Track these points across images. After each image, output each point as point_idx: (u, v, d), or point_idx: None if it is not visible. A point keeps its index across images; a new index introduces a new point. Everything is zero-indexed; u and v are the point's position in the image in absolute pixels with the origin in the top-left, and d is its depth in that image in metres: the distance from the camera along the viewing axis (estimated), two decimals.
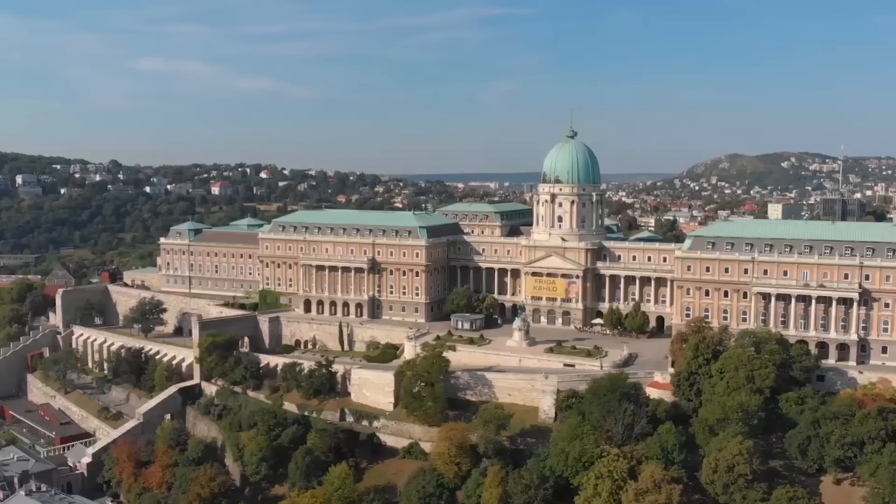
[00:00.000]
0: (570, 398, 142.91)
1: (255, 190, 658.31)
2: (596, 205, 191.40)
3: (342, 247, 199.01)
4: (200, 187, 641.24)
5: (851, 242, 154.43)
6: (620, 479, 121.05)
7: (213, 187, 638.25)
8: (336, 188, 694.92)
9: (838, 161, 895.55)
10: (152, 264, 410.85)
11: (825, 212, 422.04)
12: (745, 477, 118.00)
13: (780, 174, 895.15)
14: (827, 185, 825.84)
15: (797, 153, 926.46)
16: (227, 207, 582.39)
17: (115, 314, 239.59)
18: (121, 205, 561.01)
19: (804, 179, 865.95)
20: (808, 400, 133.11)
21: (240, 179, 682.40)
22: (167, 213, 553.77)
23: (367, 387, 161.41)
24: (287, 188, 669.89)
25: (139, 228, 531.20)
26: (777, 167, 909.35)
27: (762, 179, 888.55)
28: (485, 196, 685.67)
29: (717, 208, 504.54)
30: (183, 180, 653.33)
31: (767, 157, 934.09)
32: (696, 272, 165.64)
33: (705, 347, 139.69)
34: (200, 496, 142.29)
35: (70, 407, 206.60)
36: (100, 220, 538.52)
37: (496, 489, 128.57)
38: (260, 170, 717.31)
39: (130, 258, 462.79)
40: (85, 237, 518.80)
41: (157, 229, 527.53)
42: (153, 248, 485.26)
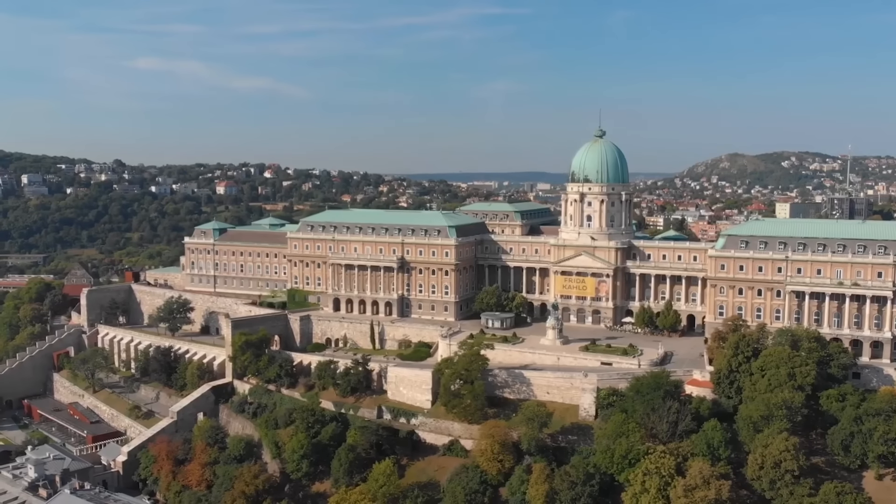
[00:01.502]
0: (611, 396, 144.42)
1: (259, 190, 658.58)
2: (625, 204, 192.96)
3: (371, 246, 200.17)
4: (205, 187, 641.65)
5: (885, 241, 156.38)
6: (668, 476, 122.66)
7: (218, 187, 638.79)
8: (340, 188, 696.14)
9: (838, 160, 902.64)
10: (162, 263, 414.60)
11: (833, 211, 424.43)
12: (792, 473, 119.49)
13: (781, 173, 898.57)
14: (827, 184, 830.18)
15: (797, 152, 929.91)
16: (232, 207, 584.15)
17: (139, 313, 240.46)
18: (127, 204, 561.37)
19: (805, 179, 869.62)
20: (848, 397, 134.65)
21: (244, 179, 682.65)
22: (174, 212, 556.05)
23: (403, 384, 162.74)
24: (291, 188, 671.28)
25: (146, 228, 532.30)
26: (777, 166, 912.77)
27: (763, 179, 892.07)
28: (489, 196, 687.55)
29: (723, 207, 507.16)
30: (187, 180, 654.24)
31: (768, 156, 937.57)
32: (729, 271, 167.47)
33: (745, 346, 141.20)
34: (245, 493, 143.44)
35: (99, 406, 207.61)
36: (106, 219, 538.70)
37: (542, 486, 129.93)
38: (263, 169, 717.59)
39: (139, 257, 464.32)
40: (92, 237, 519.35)
41: (164, 229, 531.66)
42: (162, 247, 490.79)
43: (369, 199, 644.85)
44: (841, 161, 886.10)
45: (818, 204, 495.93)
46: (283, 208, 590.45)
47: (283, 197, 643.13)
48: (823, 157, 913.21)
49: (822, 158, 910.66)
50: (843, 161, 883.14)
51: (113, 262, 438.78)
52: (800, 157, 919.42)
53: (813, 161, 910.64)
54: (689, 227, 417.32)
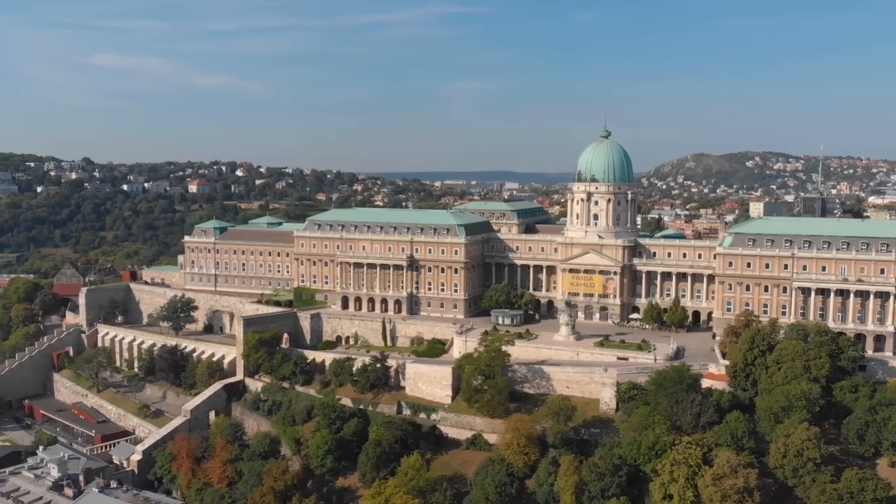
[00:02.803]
0: (632, 390, 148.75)
1: (233, 188, 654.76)
2: (631, 203, 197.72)
3: (380, 244, 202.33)
4: (177, 185, 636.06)
5: (887, 239, 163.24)
6: (696, 466, 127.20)
7: (191, 185, 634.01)
8: (314, 186, 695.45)
9: (801, 160, 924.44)
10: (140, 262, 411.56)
11: (805, 210, 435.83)
12: (814, 461, 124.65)
13: (746, 173, 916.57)
14: (791, 183, 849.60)
15: (761, 153, 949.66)
16: (206, 206, 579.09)
17: (137, 313, 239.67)
18: (100, 203, 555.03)
19: (769, 178, 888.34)
20: (860, 388, 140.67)
21: (216, 177, 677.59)
22: (147, 211, 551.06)
23: (422, 380, 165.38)
24: (265, 186, 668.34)
25: (121, 227, 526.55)
26: (742, 166, 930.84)
27: (728, 178, 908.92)
28: (464, 194, 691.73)
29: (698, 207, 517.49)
30: (158, 178, 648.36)
31: (732, 156, 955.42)
32: (737, 268, 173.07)
33: (761, 340, 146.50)
34: (274, 489, 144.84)
35: (104, 405, 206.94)
36: (79, 218, 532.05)
37: (571, 477, 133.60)
38: (235, 168, 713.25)
39: (116, 256, 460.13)
40: (66, 236, 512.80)
41: (138, 228, 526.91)
42: (138, 246, 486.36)
43: (344, 197, 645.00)
44: (804, 161, 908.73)
45: (790, 203, 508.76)
46: (258, 207, 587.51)
47: (257, 195, 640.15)
48: (787, 157, 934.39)
49: (786, 158, 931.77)
50: (806, 161, 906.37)
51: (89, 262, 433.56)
52: (764, 157, 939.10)
53: (776, 161, 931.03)
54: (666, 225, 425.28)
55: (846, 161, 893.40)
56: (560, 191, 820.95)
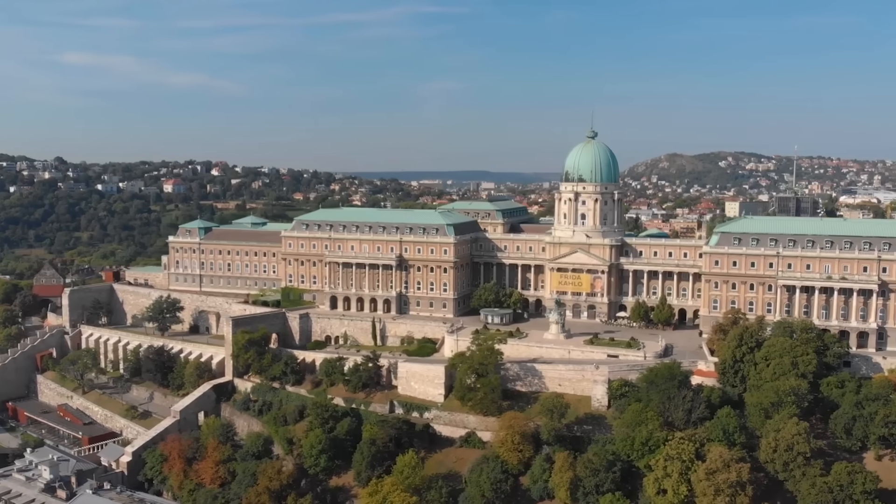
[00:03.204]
0: (623, 387, 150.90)
1: (208, 188, 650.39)
2: (617, 203, 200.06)
3: (369, 244, 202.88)
4: (152, 185, 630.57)
5: (869, 238, 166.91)
6: (689, 461, 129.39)
7: (166, 185, 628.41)
8: (291, 186, 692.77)
9: (773, 160, 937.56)
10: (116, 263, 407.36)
11: (780, 209, 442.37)
12: (804, 455, 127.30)
13: (718, 173, 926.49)
14: (763, 183, 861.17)
15: (733, 153, 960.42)
16: (182, 206, 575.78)
17: (121, 313, 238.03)
18: (74, 203, 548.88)
19: (741, 178, 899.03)
20: (847, 383, 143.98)
21: (191, 177, 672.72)
22: (123, 211, 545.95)
23: (415, 379, 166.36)
24: (241, 185, 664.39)
25: (96, 227, 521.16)
26: (715, 166, 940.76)
27: (701, 178, 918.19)
28: (441, 194, 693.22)
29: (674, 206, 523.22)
30: (133, 178, 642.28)
31: (705, 156, 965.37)
32: (723, 266, 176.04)
33: (749, 337, 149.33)
34: (269, 489, 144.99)
35: (90, 407, 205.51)
36: (53, 218, 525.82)
37: (566, 473, 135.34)
38: (210, 167, 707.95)
39: (92, 257, 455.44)
40: (40, 236, 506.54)
41: (114, 228, 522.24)
42: (114, 247, 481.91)
43: (322, 197, 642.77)
44: (776, 161, 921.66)
45: (766, 203, 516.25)
46: (235, 207, 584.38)
47: (233, 195, 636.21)
48: (759, 158, 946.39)
49: (758, 158, 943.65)
50: (778, 161, 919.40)
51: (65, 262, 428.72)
52: (736, 158, 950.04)
53: (749, 161, 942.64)
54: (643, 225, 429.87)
55: (817, 161, 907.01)
56: (537, 190, 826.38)
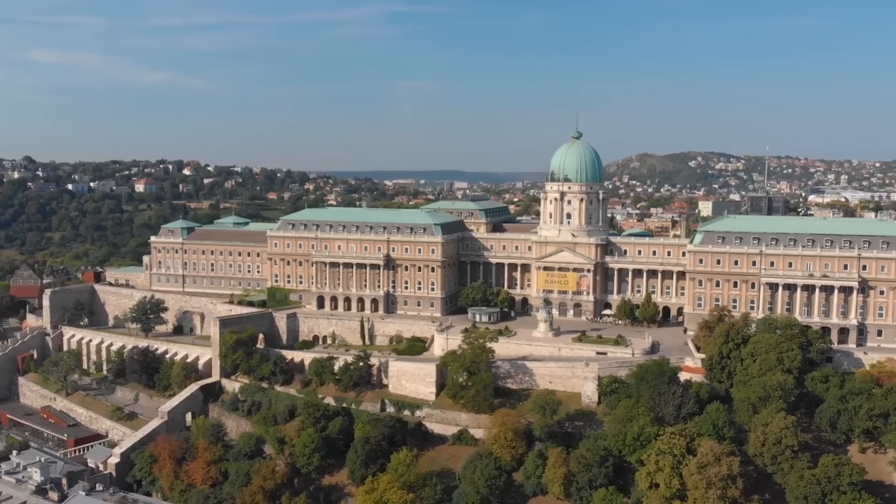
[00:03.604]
0: (613, 383, 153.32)
1: (181, 187, 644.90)
2: (602, 202, 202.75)
3: (356, 244, 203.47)
4: (123, 185, 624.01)
5: (849, 236, 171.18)
6: (680, 455, 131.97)
7: (138, 185, 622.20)
8: (264, 185, 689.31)
9: (741, 160, 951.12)
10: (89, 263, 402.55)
11: (752, 208, 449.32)
12: (792, 448, 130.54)
13: (688, 173, 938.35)
14: (732, 182, 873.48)
15: (703, 153, 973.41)
16: (155, 205, 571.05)
17: (103, 314, 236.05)
18: (45, 203, 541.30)
19: (711, 178, 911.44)
20: (831, 378, 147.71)
21: (163, 176, 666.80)
22: (94, 211, 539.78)
23: (406, 378, 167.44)
24: (213, 185, 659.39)
25: (68, 227, 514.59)
26: (685, 166, 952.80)
27: (671, 178, 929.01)
28: (417, 194, 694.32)
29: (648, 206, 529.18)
30: (104, 178, 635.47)
31: (676, 156, 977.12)
32: (707, 265, 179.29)
33: (735, 333, 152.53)
34: (263, 488, 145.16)
35: (75, 408, 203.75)
36: (24, 218, 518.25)
37: (560, 469, 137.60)
38: (182, 167, 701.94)
39: (65, 257, 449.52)
40: (10, 237, 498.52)
41: (86, 228, 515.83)
42: (87, 247, 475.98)
43: (297, 196, 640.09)
44: (745, 161, 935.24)
45: (738, 202, 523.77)
46: (208, 206, 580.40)
47: (206, 195, 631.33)
48: (728, 157, 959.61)
49: (727, 158, 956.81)
50: (747, 161, 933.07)
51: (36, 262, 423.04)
52: (706, 158, 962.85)
53: (718, 161, 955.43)
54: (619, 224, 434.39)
55: (785, 161, 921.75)
56: (510, 190, 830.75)
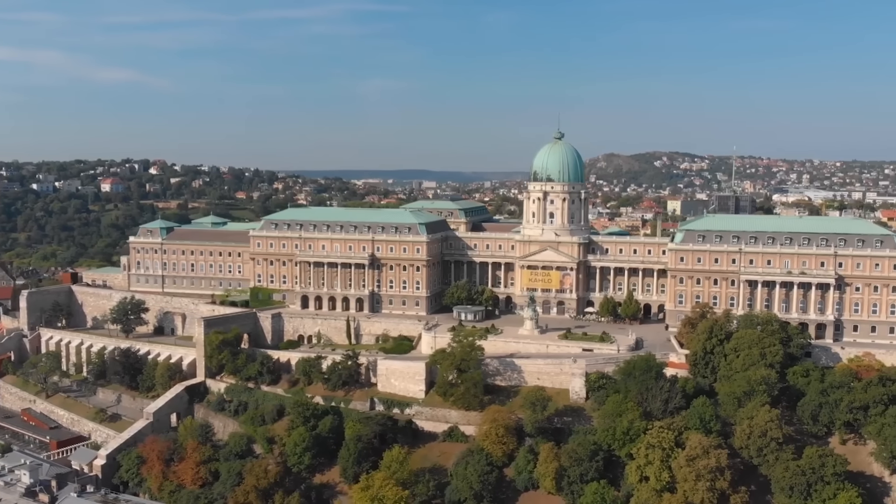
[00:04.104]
0: (601, 379, 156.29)
1: (147, 187, 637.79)
2: (584, 202, 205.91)
3: (340, 243, 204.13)
4: (89, 184, 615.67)
5: (826, 234, 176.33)
6: (669, 448, 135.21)
7: (104, 184, 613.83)
8: (232, 184, 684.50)
9: (706, 160, 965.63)
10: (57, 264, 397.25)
11: (720, 207, 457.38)
12: (777, 440, 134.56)
13: (654, 173, 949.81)
14: (697, 182, 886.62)
15: (668, 153, 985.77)
16: (122, 205, 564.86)
17: (81, 315, 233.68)
18: (9, 203, 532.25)
19: (676, 178, 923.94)
20: (811, 372, 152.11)
21: (129, 176, 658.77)
22: (61, 211, 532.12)
23: (395, 376, 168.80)
24: (181, 185, 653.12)
25: (34, 228, 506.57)
26: (651, 166, 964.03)
27: (637, 178, 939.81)
28: (387, 193, 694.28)
29: (618, 205, 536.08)
30: (68, 177, 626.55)
31: (641, 156, 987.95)
32: (688, 263, 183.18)
33: (719, 329, 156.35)
34: (257, 487, 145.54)
35: (55, 410, 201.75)
36: None
37: (551, 464, 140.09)
38: (149, 166, 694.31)
39: (32, 258, 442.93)
40: None
41: (53, 228, 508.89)
42: (55, 248, 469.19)
43: (266, 196, 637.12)
44: (709, 161, 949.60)
45: (705, 201, 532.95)
46: (177, 206, 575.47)
47: (174, 194, 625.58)
48: (692, 157, 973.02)
49: (692, 158, 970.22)
50: (711, 160, 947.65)
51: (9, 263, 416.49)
52: (671, 157, 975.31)
53: (683, 161, 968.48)
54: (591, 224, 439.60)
55: (748, 161, 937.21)
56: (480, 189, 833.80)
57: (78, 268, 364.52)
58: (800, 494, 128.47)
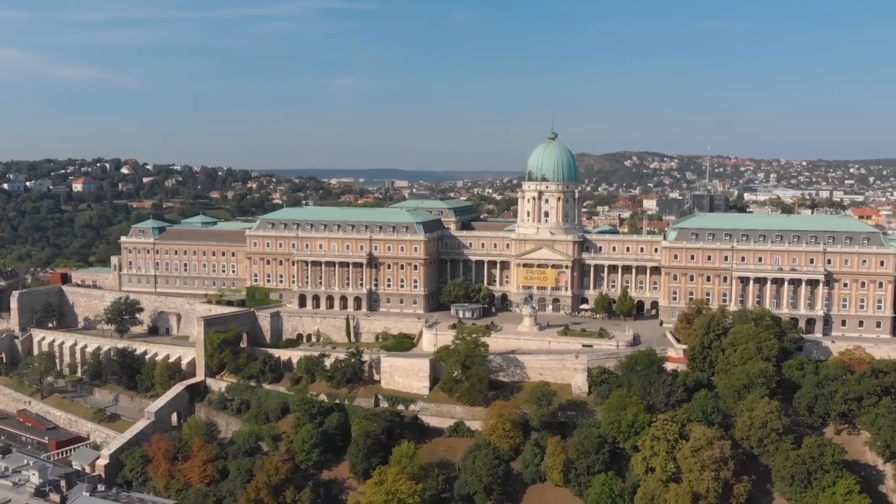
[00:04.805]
0: (602, 374, 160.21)
1: (120, 186, 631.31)
2: (577, 201, 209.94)
3: (338, 243, 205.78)
4: (60, 184, 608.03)
5: (815, 232, 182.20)
6: (674, 440, 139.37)
7: (75, 184, 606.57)
8: (205, 184, 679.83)
9: (675, 160, 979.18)
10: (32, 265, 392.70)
11: (695, 206, 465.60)
12: (777, 431, 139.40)
13: (624, 172, 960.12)
14: (666, 181, 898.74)
15: (638, 152, 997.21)
16: (95, 205, 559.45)
17: (72, 316, 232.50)
18: None
19: (646, 177, 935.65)
20: (806, 365, 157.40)
21: (100, 175, 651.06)
22: (33, 211, 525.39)
23: (398, 373, 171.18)
24: (154, 184, 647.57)
25: (6, 228, 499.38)
26: (621, 165, 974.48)
27: (608, 177, 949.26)
28: (363, 193, 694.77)
29: (594, 205, 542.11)
30: (39, 176, 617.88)
31: (612, 156, 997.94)
32: (681, 260, 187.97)
33: (716, 324, 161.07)
34: (269, 484, 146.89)
35: (52, 411, 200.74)
36: None
37: (559, 457, 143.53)
38: (120, 165, 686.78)
39: (7, 259, 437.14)
40: None
41: (26, 229, 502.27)
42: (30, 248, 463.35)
43: (241, 195, 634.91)
44: (678, 160, 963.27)
45: (680, 200, 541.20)
46: (151, 206, 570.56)
47: (147, 194, 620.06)
48: (661, 157, 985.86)
49: (661, 158, 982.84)
50: (680, 160, 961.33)
51: None
52: (640, 157, 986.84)
53: (652, 160, 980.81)
54: None
55: (716, 160, 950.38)
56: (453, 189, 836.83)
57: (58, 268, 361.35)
58: (800, 483, 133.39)
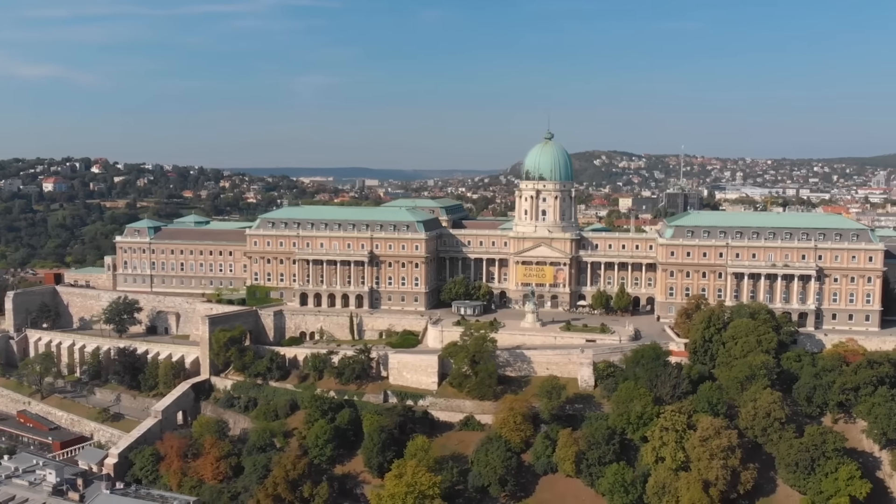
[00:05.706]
0: (608, 367, 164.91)
1: (91, 186, 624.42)
2: (574, 200, 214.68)
3: (339, 241, 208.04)
4: (30, 183, 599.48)
5: (806, 229, 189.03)
6: (682, 430, 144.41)
7: (45, 184, 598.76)
8: (177, 183, 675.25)
9: (643, 159, 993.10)
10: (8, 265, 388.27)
11: (669, 204, 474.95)
12: (780, 420, 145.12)
13: (594, 171, 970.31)
14: (635, 180, 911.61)
15: (607, 151, 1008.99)
16: (68, 205, 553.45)
17: (67, 316, 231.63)
18: None
19: (615, 176, 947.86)
20: (803, 357, 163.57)
21: (70, 175, 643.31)
22: (5, 211, 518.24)
23: (407, 369, 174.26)
24: (125, 183, 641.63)
25: None
26: (591, 164, 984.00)
27: (578, 176, 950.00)
28: (337, 191, 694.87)
29: None
30: (7, 176, 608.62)
31: (581, 154, 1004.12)
32: (678, 257, 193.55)
33: (716, 319, 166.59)
34: (287, 479, 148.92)
35: (53, 412, 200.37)
36: None
37: (571, 448, 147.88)
38: (91, 164, 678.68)
39: None
40: None
41: None
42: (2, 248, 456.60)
43: (214, 194, 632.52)
44: (646, 159, 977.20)
45: (654, 199, 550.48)
46: (125, 205, 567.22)
47: (119, 193, 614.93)
48: (630, 156, 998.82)
49: (629, 157, 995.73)
50: (648, 159, 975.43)
51: None
52: (609, 156, 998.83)
53: (621, 159, 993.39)
54: None
55: (683, 159, 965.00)
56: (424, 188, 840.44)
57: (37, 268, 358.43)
58: (803, 469, 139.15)
